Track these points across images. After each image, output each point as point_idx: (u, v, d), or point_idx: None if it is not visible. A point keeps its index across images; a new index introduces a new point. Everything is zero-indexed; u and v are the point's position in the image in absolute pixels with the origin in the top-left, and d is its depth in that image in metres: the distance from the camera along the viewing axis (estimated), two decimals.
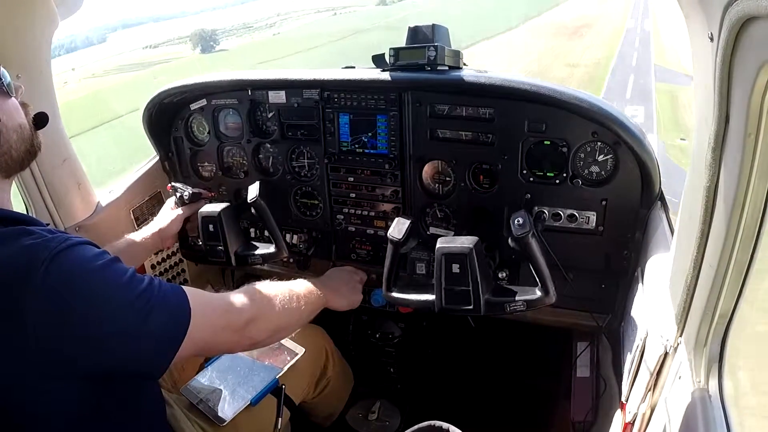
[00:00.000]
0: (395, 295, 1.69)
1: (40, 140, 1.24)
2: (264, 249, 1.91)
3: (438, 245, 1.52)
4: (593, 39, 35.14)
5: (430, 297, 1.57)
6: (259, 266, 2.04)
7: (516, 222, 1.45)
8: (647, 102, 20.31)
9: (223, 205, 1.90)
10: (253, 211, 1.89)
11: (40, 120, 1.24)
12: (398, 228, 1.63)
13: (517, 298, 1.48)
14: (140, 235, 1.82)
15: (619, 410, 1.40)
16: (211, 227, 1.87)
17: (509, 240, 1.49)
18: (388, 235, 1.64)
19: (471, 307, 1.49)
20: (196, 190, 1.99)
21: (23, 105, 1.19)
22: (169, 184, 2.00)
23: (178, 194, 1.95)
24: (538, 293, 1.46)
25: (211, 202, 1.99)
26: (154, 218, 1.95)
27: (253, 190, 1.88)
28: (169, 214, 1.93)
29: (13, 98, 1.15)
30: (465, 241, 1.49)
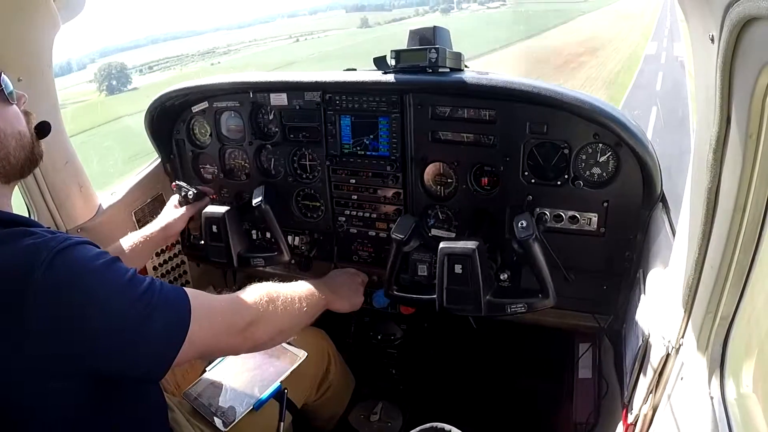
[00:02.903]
0: (397, 293, 1.74)
1: (42, 150, 1.23)
2: (266, 252, 1.94)
3: (441, 245, 1.54)
4: (592, 73, 22.97)
5: (432, 296, 1.60)
6: (261, 268, 2.05)
7: (520, 225, 1.46)
8: None
9: (227, 207, 1.91)
10: (257, 213, 1.91)
11: (42, 129, 1.23)
12: (402, 226, 1.65)
13: (518, 299, 1.51)
14: (144, 232, 1.82)
15: (621, 412, 1.40)
16: (214, 228, 1.89)
17: (512, 242, 1.50)
18: (391, 233, 1.65)
19: (472, 306, 1.51)
20: (200, 188, 2.00)
21: (26, 114, 1.19)
22: (174, 183, 2.00)
23: (183, 192, 1.96)
24: (539, 296, 1.49)
25: (213, 203, 2.00)
26: (158, 216, 1.95)
27: (258, 194, 1.90)
28: (173, 212, 1.94)
29: (14, 106, 1.15)
30: (468, 243, 1.51)
